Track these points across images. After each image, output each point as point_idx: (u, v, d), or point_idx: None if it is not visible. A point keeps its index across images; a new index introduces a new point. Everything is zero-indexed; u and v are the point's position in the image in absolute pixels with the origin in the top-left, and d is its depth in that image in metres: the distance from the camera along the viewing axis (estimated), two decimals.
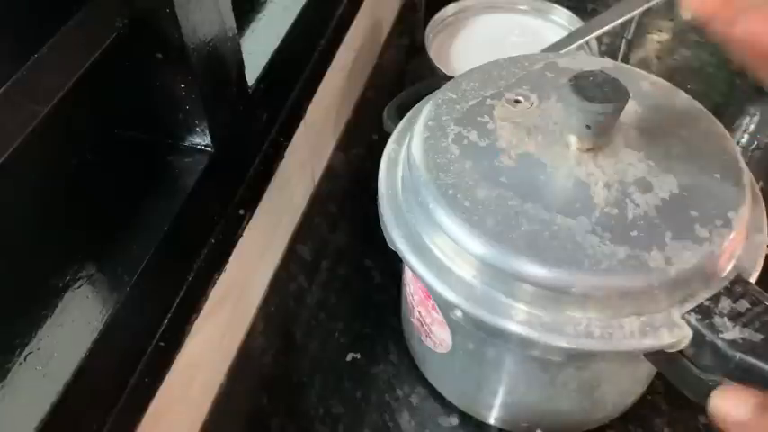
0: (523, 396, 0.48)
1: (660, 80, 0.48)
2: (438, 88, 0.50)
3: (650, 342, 0.36)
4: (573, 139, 0.41)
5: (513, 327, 0.37)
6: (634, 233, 0.38)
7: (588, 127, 0.39)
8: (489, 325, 0.38)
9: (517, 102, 0.44)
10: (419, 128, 0.44)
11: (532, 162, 0.41)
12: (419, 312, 0.47)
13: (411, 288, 0.48)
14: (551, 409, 0.48)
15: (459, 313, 0.39)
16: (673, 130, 0.43)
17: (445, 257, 0.40)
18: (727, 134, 0.44)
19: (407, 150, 0.44)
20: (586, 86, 0.38)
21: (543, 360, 0.42)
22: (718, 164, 0.42)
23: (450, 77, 0.50)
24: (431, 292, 0.42)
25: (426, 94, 0.51)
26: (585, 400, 0.48)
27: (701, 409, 0.51)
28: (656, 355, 0.37)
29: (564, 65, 0.48)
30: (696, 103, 0.46)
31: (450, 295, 0.39)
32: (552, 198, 0.39)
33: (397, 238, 0.42)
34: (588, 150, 0.41)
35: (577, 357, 0.39)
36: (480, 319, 0.38)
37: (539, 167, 0.41)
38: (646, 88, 0.46)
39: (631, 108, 0.43)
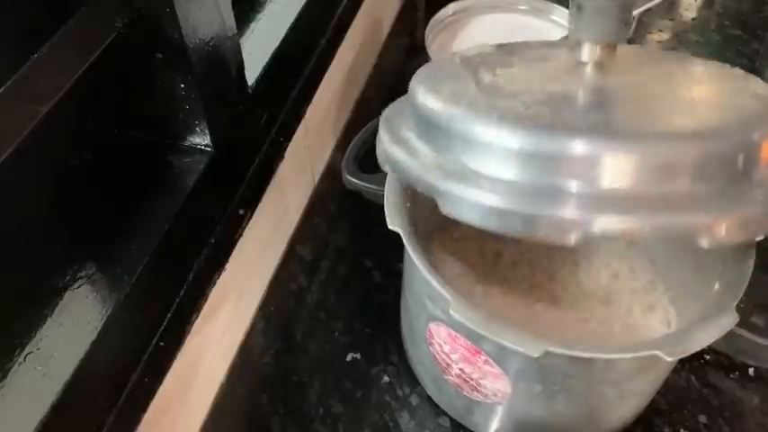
0: (544, 414, 0.46)
1: None
2: None
3: None
4: (587, 62, 0.38)
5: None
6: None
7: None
8: None
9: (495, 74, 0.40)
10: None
11: (604, 93, 0.37)
12: (461, 370, 0.45)
13: (444, 347, 0.44)
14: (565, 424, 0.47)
15: None
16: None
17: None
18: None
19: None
20: None
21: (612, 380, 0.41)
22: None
23: None
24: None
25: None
26: (604, 412, 0.47)
27: (701, 409, 0.52)
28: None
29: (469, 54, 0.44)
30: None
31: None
32: (657, 105, 0.36)
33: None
34: (602, 65, 0.38)
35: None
36: None
37: (611, 95, 0.37)
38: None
39: None
